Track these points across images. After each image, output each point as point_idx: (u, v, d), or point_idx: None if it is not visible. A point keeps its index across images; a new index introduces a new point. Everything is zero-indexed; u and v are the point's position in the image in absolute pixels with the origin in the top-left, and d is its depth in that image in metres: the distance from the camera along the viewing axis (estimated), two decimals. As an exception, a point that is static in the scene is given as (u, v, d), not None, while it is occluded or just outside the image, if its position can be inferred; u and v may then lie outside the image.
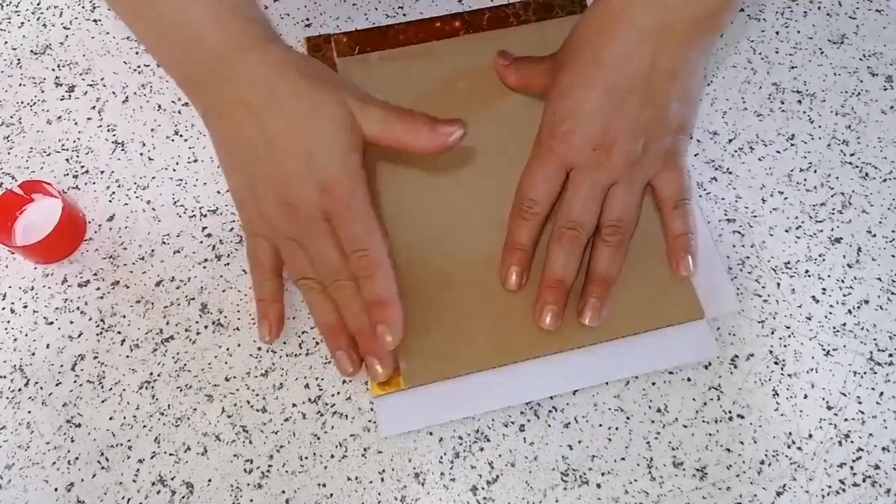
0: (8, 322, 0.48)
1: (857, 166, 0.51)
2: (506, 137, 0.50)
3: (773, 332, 0.46)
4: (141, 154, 0.53)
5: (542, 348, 0.45)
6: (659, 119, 0.45)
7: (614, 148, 0.44)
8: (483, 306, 0.46)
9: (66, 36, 0.57)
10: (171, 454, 0.44)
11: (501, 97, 0.52)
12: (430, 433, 0.44)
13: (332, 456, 0.44)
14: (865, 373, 0.45)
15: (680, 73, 0.44)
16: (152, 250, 0.50)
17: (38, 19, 0.58)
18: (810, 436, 0.44)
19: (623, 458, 0.43)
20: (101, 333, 0.47)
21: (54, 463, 0.44)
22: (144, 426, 0.45)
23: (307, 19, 0.57)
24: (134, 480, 0.44)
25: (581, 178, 0.45)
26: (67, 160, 0.53)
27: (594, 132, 0.44)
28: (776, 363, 0.46)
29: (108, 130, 0.54)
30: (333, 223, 0.42)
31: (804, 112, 0.52)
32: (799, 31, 0.55)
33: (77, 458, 0.44)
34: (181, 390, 0.46)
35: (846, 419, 0.44)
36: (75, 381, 0.46)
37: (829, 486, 0.43)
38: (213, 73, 0.42)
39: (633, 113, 0.44)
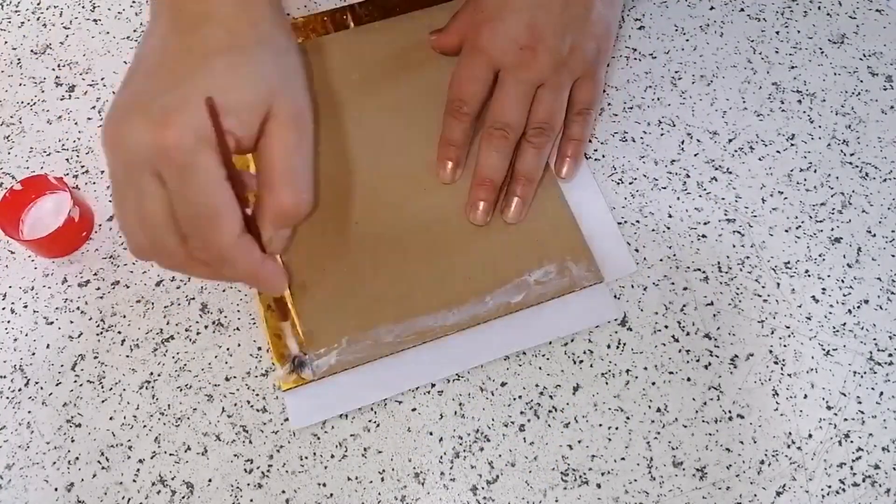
0: (8, 322, 0.48)
1: (857, 166, 0.51)
2: (400, 117, 0.51)
3: (772, 332, 0.46)
4: (141, 154, 0.53)
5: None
6: (583, 19, 0.46)
7: (539, 46, 0.45)
8: (384, 267, 0.47)
9: (67, 36, 0.57)
10: (171, 454, 0.44)
11: (392, 84, 0.53)
12: (430, 433, 0.44)
13: (332, 456, 0.44)
14: (865, 373, 0.45)
15: None
16: (152, 250, 0.50)
17: (38, 19, 0.58)
18: (810, 436, 0.44)
19: (623, 458, 0.44)
20: (101, 333, 0.47)
21: (54, 463, 0.44)
22: (144, 426, 0.45)
23: None
24: (134, 480, 0.44)
25: (509, 79, 0.46)
26: (67, 160, 0.53)
27: (520, 30, 0.45)
28: (776, 363, 0.46)
29: (108, 130, 0.54)
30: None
31: (804, 112, 0.52)
32: (799, 31, 0.55)
33: (77, 458, 0.44)
34: (181, 390, 0.46)
35: (846, 419, 0.44)
36: (75, 381, 0.46)
37: (829, 486, 0.43)
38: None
39: (557, 10, 0.45)
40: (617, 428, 0.44)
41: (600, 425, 0.44)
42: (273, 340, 0.45)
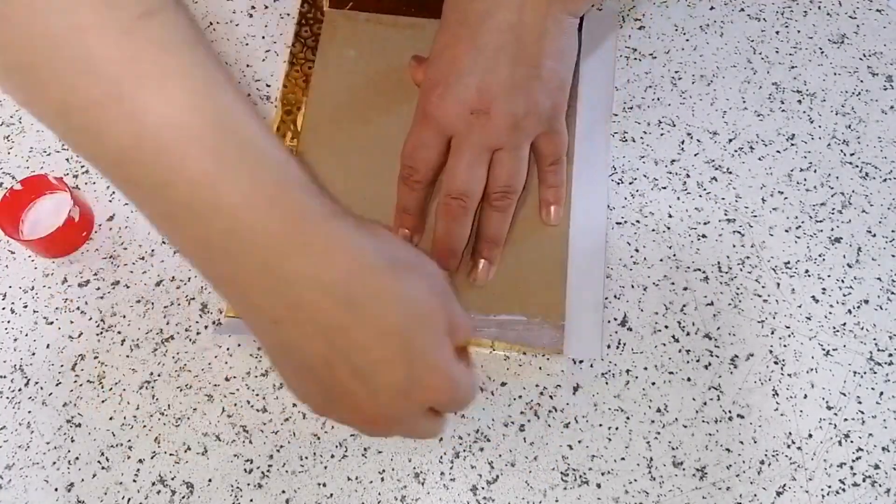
0: (8, 322, 0.48)
1: (857, 166, 0.51)
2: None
3: (772, 332, 0.46)
4: (141, 154, 0.53)
5: None
6: (534, 77, 0.44)
7: (492, 110, 0.44)
8: None
9: (66, 36, 0.57)
10: (171, 454, 0.44)
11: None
12: (430, 433, 0.44)
13: (332, 456, 0.44)
14: (865, 373, 0.45)
15: (549, 30, 0.44)
16: (152, 250, 0.49)
17: (37, 19, 0.58)
18: (810, 436, 0.44)
19: (623, 458, 0.43)
20: (101, 333, 0.47)
21: (54, 463, 0.44)
22: (144, 426, 0.45)
23: None
24: (134, 480, 0.44)
25: (462, 145, 0.45)
26: (67, 160, 0.53)
27: (468, 94, 0.44)
28: (776, 363, 0.46)
29: (108, 130, 0.54)
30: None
31: (804, 112, 0.52)
32: (799, 31, 0.55)
33: (77, 458, 0.44)
34: (181, 390, 0.46)
35: (846, 419, 0.44)
36: (75, 381, 0.46)
37: (829, 486, 0.43)
38: (259, 269, 0.31)
39: (506, 71, 0.44)
40: (617, 428, 0.44)
41: (600, 425, 0.44)
42: None
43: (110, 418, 0.45)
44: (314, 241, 0.31)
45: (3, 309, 0.48)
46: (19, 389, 0.46)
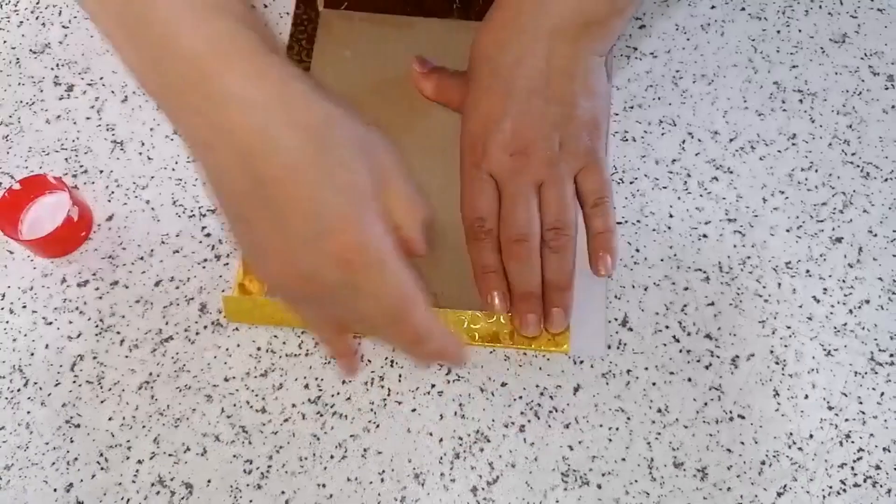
0: (7, 322, 0.48)
1: (858, 166, 0.51)
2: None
3: (773, 332, 0.46)
4: (140, 154, 0.53)
5: None
6: (568, 115, 0.46)
7: (529, 149, 0.45)
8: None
9: (66, 35, 0.57)
10: (170, 454, 0.44)
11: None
12: (430, 434, 0.44)
13: (332, 456, 0.44)
14: (866, 373, 0.45)
15: (577, 72, 0.45)
16: (152, 250, 0.49)
17: (37, 18, 0.58)
18: (811, 436, 0.44)
19: (623, 459, 0.43)
20: (100, 333, 0.47)
21: (53, 463, 0.44)
22: (144, 426, 0.45)
23: None
24: (133, 481, 0.44)
25: (509, 187, 0.46)
26: (66, 160, 0.53)
27: (507, 139, 0.45)
28: (777, 363, 0.45)
29: (108, 130, 0.53)
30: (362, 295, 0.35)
31: (805, 111, 0.52)
32: (800, 30, 0.55)
33: (76, 459, 0.44)
34: (180, 390, 0.46)
35: (847, 419, 0.44)
36: (74, 382, 0.46)
37: (830, 487, 0.43)
38: (191, 88, 0.31)
39: (538, 112, 0.45)
40: (617, 428, 0.44)
41: (601, 426, 0.44)
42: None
43: (109, 419, 0.45)
44: (248, 64, 0.31)
45: (2, 309, 0.48)
46: (18, 390, 0.46)
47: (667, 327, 0.46)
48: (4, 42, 0.57)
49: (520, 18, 0.45)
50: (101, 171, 0.52)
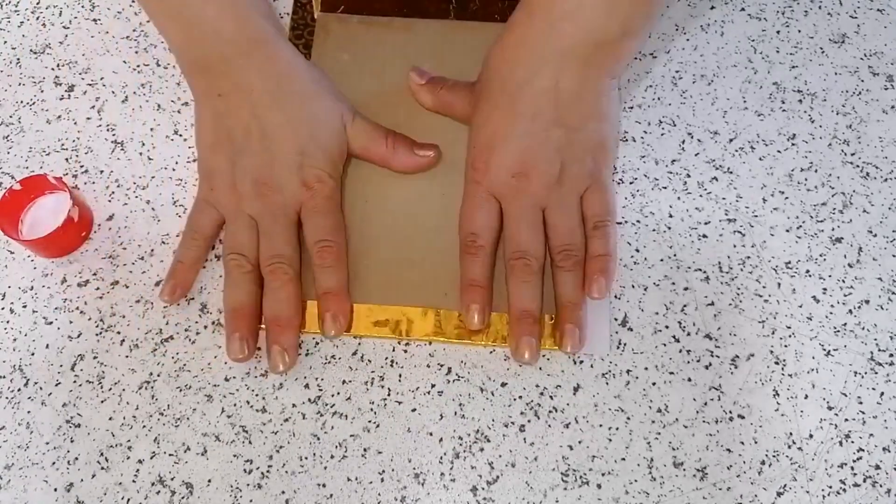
0: (7, 322, 0.48)
1: (857, 166, 0.51)
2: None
3: (773, 332, 0.46)
4: (140, 154, 0.53)
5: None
6: (574, 139, 0.46)
7: (532, 172, 0.45)
8: (375, 252, 0.48)
9: (66, 35, 0.57)
10: (170, 454, 0.44)
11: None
12: (430, 433, 0.44)
13: (332, 456, 0.44)
14: (866, 373, 0.45)
15: (586, 94, 0.45)
16: (152, 250, 0.49)
17: (37, 18, 0.58)
18: (811, 436, 0.44)
19: (623, 459, 0.43)
20: (100, 333, 0.47)
21: (54, 463, 0.44)
22: (144, 426, 0.45)
23: None
24: (133, 481, 0.44)
25: (511, 207, 0.46)
26: (67, 160, 0.53)
27: (509, 160, 0.46)
28: (777, 363, 0.45)
29: (108, 130, 0.54)
30: (304, 215, 0.47)
31: (805, 112, 0.52)
32: (800, 31, 0.55)
33: (77, 459, 0.44)
34: (181, 390, 0.46)
35: (847, 419, 0.44)
36: (75, 381, 0.46)
37: (830, 487, 0.43)
38: (223, 60, 0.46)
39: (542, 134, 0.45)
40: (617, 428, 0.44)
41: (601, 426, 0.44)
42: None
43: (110, 418, 0.45)
44: (265, 49, 0.47)
45: (3, 309, 0.48)
46: (18, 389, 0.46)
47: (666, 327, 0.46)
48: (5, 42, 0.57)
49: (531, 38, 0.44)
50: (102, 172, 0.52)
